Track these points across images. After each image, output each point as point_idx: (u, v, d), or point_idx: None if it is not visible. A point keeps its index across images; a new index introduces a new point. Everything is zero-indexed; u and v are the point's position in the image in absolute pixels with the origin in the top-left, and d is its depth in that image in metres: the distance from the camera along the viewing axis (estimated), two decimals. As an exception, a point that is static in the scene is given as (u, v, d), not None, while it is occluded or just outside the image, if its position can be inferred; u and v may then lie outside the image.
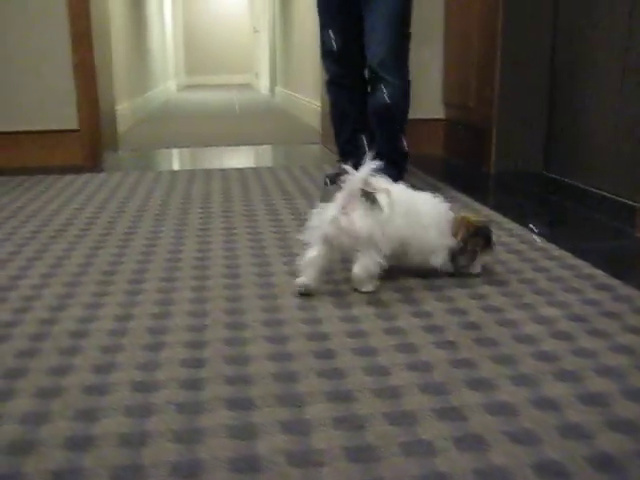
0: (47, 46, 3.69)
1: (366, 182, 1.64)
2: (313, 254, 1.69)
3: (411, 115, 3.94)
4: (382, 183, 1.67)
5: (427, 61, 3.95)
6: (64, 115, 3.76)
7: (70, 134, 3.78)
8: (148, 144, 4.81)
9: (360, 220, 1.63)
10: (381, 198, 1.63)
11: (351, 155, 2.96)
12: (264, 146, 4.68)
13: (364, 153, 1.74)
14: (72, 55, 3.71)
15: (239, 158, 4.31)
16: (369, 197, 1.63)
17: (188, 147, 4.63)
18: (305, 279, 1.69)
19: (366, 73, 2.79)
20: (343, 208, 1.65)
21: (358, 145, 2.89)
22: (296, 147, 4.58)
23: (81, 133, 3.78)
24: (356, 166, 2.51)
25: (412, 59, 3.85)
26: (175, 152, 4.51)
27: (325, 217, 1.67)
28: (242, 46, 15.61)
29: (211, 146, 4.62)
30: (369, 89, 2.79)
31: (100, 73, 3.90)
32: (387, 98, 2.69)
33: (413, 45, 3.86)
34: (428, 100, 4.00)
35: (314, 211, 1.73)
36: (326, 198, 1.79)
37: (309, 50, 5.99)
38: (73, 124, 3.79)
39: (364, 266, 1.67)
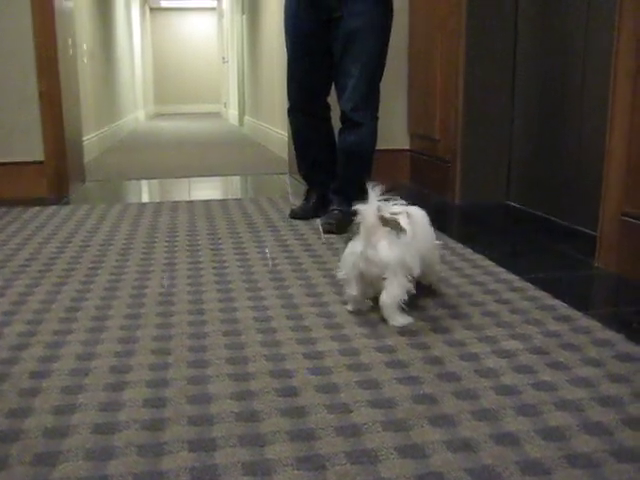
0: (12, 74, 3.67)
1: (382, 210, 1.69)
2: (353, 293, 1.76)
3: (378, 146, 4.02)
4: (396, 206, 1.72)
5: (392, 92, 4.00)
6: (28, 146, 3.74)
7: (35, 165, 3.76)
8: (115, 175, 4.80)
9: (387, 249, 1.67)
10: (402, 221, 1.67)
11: (316, 182, 3.00)
12: (233, 177, 4.70)
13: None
14: (38, 83, 3.70)
15: (207, 190, 4.31)
16: (391, 223, 1.68)
17: (155, 178, 4.62)
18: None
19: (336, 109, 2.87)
20: (369, 241, 1.68)
21: (323, 172, 2.98)
22: (264, 177, 4.60)
23: (46, 165, 3.76)
24: (321, 195, 2.56)
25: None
26: (143, 183, 4.50)
27: (356, 254, 1.71)
28: (211, 76, 15.67)
29: (179, 177, 4.62)
30: (340, 128, 2.84)
31: (66, 102, 3.89)
32: (356, 142, 2.79)
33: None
34: (394, 131, 4.05)
35: (346, 251, 1.77)
36: (352, 236, 1.80)
37: (277, 80, 6.04)
38: (38, 155, 3.76)
39: (392, 294, 1.68)
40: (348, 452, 1.15)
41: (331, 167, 2.95)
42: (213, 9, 15.50)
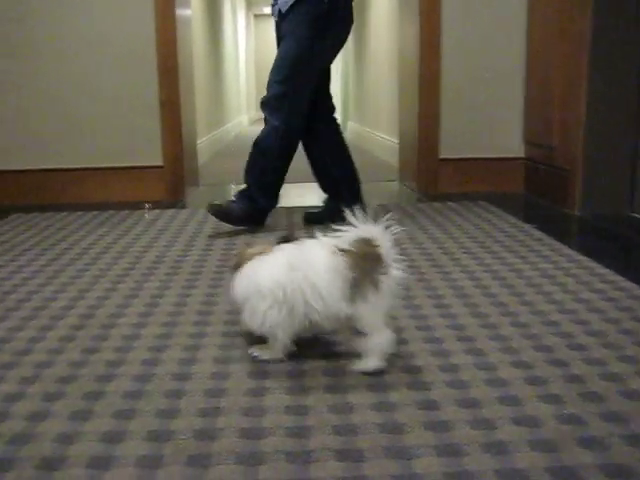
0: (136, 84, 3.81)
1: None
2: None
3: (490, 154, 3.97)
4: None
5: (508, 99, 3.93)
6: (149, 151, 3.87)
7: (154, 170, 3.88)
8: (225, 179, 4.90)
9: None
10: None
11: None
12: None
13: None
14: (159, 92, 3.83)
15: (312, 195, 4.34)
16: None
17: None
18: None
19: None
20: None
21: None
22: (372, 185, 4.59)
23: (165, 169, 3.88)
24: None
25: (493, 96, 3.88)
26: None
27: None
28: (312, 80, 15.79)
29: (287, 182, 4.65)
30: None
31: (184, 109, 4.01)
32: (262, 139, 2.95)
33: (494, 82, 3.89)
34: (508, 139, 3.98)
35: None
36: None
37: (384, 86, 6.04)
38: (158, 160, 3.89)
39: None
40: (498, 470, 1.13)
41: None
42: (316, 15, 15.62)
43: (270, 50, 15.17)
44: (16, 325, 1.87)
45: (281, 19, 2.97)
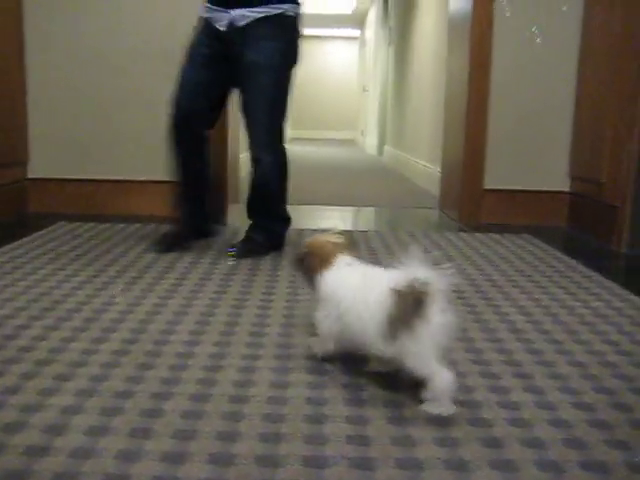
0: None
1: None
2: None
3: (535, 186, 3.93)
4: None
5: (555, 132, 3.91)
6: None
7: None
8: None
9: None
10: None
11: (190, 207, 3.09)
12: (374, 208, 4.70)
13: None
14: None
15: (350, 219, 4.34)
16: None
17: (299, 204, 4.66)
18: None
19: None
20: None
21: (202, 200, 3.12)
22: (411, 211, 4.58)
23: (209, 185, 3.89)
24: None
25: (540, 128, 3.86)
26: (291, 208, 4.55)
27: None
28: (348, 104, 15.92)
29: (319, 204, 4.66)
30: (251, 167, 2.94)
31: (230, 124, 4.03)
32: (261, 177, 2.91)
33: (542, 114, 3.87)
34: (553, 172, 3.95)
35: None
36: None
37: (427, 112, 6.03)
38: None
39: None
40: (570, 517, 1.10)
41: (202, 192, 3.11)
42: (355, 38, 15.75)
43: (308, 71, 15.21)
44: (69, 336, 1.87)
45: (233, 33, 2.80)
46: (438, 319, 1.43)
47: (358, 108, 14.37)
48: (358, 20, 14.06)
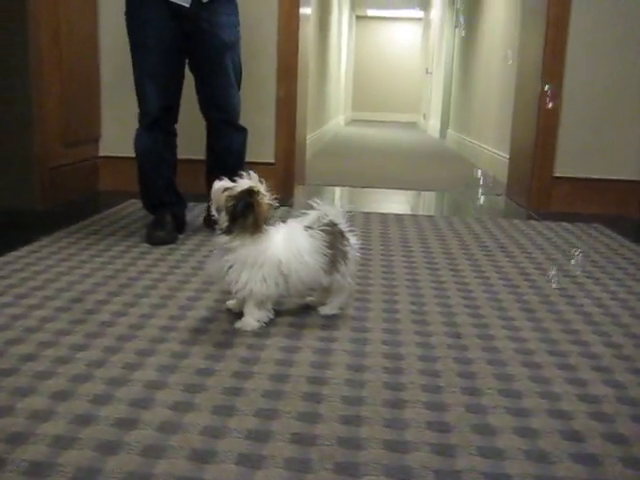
0: (254, 80, 3.85)
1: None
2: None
3: (606, 175, 3.85)
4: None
5: (627, 120, 3.81)
6: (262, 148, 3.91)
7: (265, 167, 3.92)
8: (327, 179, 4.92)
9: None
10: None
11: (170, 205, 2.92)
12: (438, 192, 4.66)
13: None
14: (277, 89, 3.87)
15: (415, 203, 4.31)
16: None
17: (363, 187, 4.65)
18: None
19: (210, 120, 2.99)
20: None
21: (178, 194, 3.01)
22: (476, 197, 4.52)
23: (276, 166, 3.92)
24: (175, 215, 2.87)
25: (612, 115, 3.77)
26: (352, 191, 4.56)
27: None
28: (410, 86, 15.77)
29: (383, 188, 4.64)
30: (223, 141, 2.98)
31: (299, 107, 4.04)
32: (242, 144, 3.04)
33: (616, 101, 3.78)
34: (626, 160, 3.85)
35: None
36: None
37: (495, 97, 5.94)
38: (269, 157, 3.94)
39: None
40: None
41: (175, 185, 3.00)
42: (419, 19, 15.56)
43: (370, 51, 15.18)
44: (147, 313, 1.92)
45: (198, 9, 2.70)
46: (354, 241, 1.91)
47: (420, 90, 14.23)
48: (422, 1, 13.89)
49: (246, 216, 1.74)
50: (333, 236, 1.84)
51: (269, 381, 1.50)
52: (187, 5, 2.69)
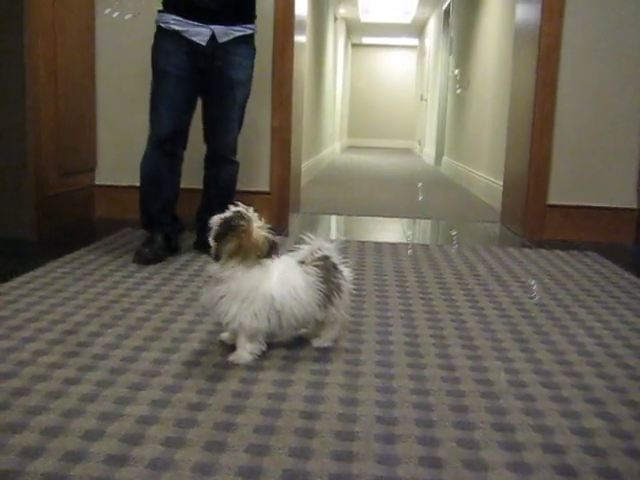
0: (250, 110, 3.88)
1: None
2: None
3: (601, 202, 3.87)
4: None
5: (622, 148, 3.84)
6: (257, 177, 3.93)
7: (261, 196, 3.94)
8: (323, 207, 4.94)
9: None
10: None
11: (163, 226, 3.03)
12: (433, 220, 4.67)
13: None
14: (271, 119, 3.90)
15: (410, 231, 4.32)
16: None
17: (358, 215, 4.66)
18: None
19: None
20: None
21: (175, 217, 3.12)
22: (472, 225, 4.54)
23: (271, 196, 3.94)
24: (169, 238, 2.95)
25: (606, 143, 3.80)
26: (347, 220, 4.58)
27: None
28: (405, 113, 15.89)
29: (377, 216, 4.65)
30: (212, 170, 3.11)
31: (294, 137, 4.06)
32: (232, 177, 3.13)
33: (608, 129, 3.81)
34: (620, 188, 3.88)
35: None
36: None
37: (489, 125, 5.99)
38: (264, 186, 3.95)
39: None
40: None
41: (174, 208, 3.13)
42: (414, 47, 15.71)
43: (366, 79, 15.36)
44: (140, 345, 1.91)
45: (214, 48, 2.91)
46: (347, 274, 1.93)
47: (415, 117, 14.33)
48: (417, 29, 14.02)
49: (228, 238, 1.73)
50: (327, 270, 1.85)
51: (261, 415, 1.50)
52: (204, 44, 2.90)
